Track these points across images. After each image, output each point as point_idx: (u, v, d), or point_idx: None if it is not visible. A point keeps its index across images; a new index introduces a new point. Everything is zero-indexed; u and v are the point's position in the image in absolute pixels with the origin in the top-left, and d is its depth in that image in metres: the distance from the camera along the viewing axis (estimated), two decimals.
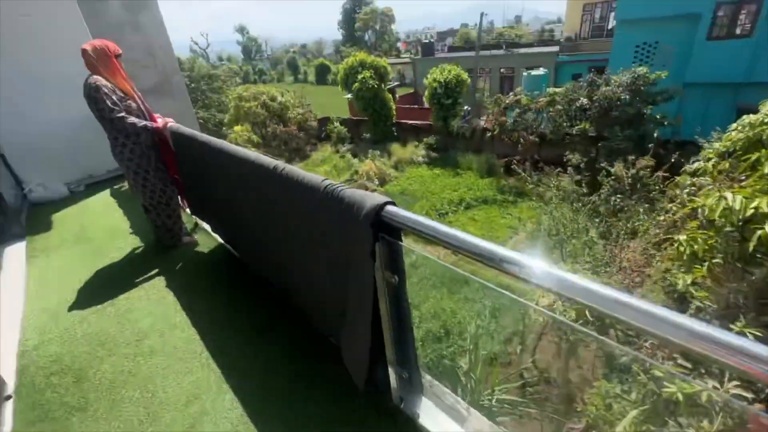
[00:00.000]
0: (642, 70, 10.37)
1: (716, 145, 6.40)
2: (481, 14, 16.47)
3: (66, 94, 4.15)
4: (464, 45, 36.31)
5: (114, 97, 2.57)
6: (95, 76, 2.53)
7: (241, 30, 59.10)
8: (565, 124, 12.32)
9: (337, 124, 19.59)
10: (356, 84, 17.22)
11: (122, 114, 2.59)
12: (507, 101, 13.19)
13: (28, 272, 2.97)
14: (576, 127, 12.39)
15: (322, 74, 47.13)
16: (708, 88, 12.70)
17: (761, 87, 11.76)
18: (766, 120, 5.25)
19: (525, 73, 17.12)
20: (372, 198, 1.17)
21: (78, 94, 2.59)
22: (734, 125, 5.98)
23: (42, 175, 4.60)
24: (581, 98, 11.18)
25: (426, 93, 16.58)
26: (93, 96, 2.49)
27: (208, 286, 2.56)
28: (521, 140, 13.37)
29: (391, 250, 1.20)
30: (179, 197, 3.09)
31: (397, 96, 25.94)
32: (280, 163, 1.61)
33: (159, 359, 1.95)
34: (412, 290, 8.28)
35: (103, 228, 3.57)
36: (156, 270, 2.78)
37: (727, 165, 5.80)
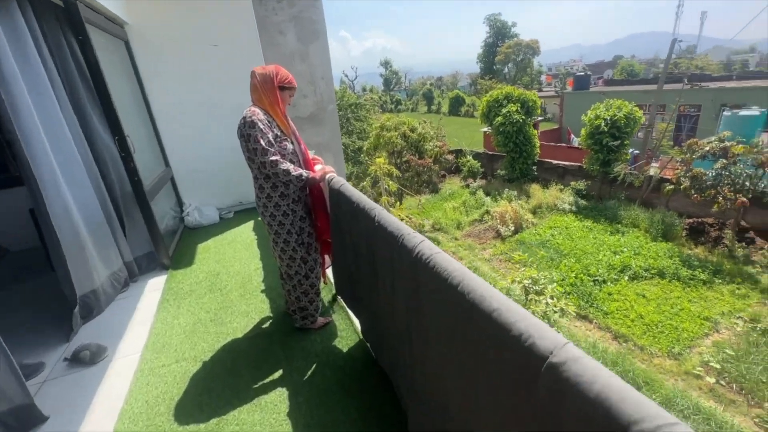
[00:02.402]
0: None
1: None
2: (674, 40, 13.42)
3: (231, 121, 4.07)
4: (627, 78, 31.77)
5: (270, 136, 1.96)
6: (253, 108, 1.97)
7: (385, 64, 63.94)
8: None
9: (470, 157, 18.56)
10: (499, 117, 15.95)
11: (276, 158, 1.95)
12: (707, 148, 10.13)
13: (153, 325, 2.58)
14: None
15: (456, 105, 47.09)
16: None
17: None
18: None
19: (728, 113, 13.32)
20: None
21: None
22: None
23: (199, 198, 4.64)
24: None
25: (582, 131, 14.25)
26: (247, 134, 1.92)
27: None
28: (720, 199, 10.06)
29: None
30: (322, 267, 2.35)
31: (538, 131, 23.69)
32: (458, 272, 0.59)
33: None
34: None
35: (236, 277, 3.11)
36: (279, 372, 2.01)
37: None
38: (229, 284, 2.99)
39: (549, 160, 17.14)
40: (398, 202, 10.60)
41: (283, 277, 2.28)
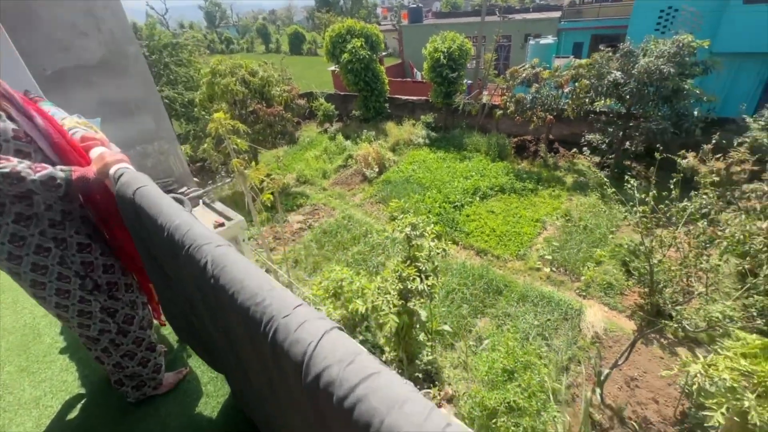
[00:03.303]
0: (687, 38, 9.05)
1: None
2: None
3: None
4: (452, 11, 34.08)
5: None
6: None
7: None
8: (587, 100, 11.01)
9: (322, 100, 17.58)
10: (345, 54, 15.16)
11: None
12: (524, 74, 11.66)
13: None
14: (598, 104, 11.11)
15: (297, 43, 43.51)
16: (737, 58, 11.59)
17: None
18: None
19: (532, 42, 15.54)
20: None
21: None
22: None
23: None
24: (614, 72, 9.80)
25: (425, 65, 14.76)
26: None
27: None
28: (534, 118, 11.97)
29: None
30: (151, 303, 1.52)
31: (384, 66, 23.85)
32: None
33: None
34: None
35: (7, 337, 1.95)
36: None
37: None
38: None
39: (399, 96, 17.55)
40: (253, 162, 9.29)
41: (82, 340, 1.39)
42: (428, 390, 3.72)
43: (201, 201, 7.01)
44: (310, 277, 8.44)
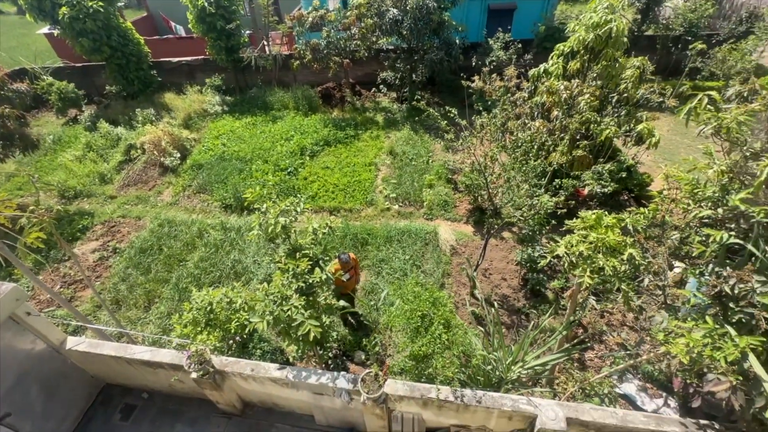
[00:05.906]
0: None
1: (560, 46, 7.05)
2: None
3: None
4: None
5: None
6: None
7: None
8: (374, 39, 11.54)
9: (50, 78, 12.61)
10: (63, 9, 10.89)
11: None
12: (311, 18, 11.06)
13: None
14: (383, 41, 11.84)
15: None
16: None
17: None
18: (608, 18, 5.85)
19: None
20: None
21: None
22: (573, 25, 6.57)
23: None
24: (391, 9, 10.40)
25: (189, 16, 12.18)
26: None
27: None
28: (332, 64, 11.88)
29: None
30: None
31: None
32: None
33: None
34: None
35: None
36: None
37: (578, 65, 6.42)
38: None
39: (167, 60, 14.22)
40: None
41: None
42: (369, 370, 3.56)
43: None
44: (148, 312, 6.58)
